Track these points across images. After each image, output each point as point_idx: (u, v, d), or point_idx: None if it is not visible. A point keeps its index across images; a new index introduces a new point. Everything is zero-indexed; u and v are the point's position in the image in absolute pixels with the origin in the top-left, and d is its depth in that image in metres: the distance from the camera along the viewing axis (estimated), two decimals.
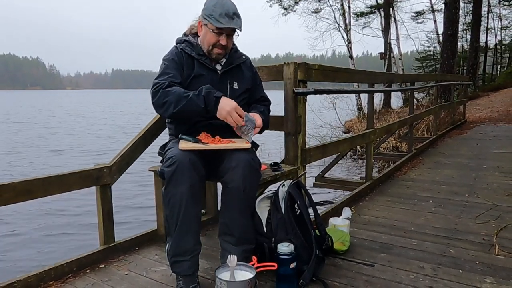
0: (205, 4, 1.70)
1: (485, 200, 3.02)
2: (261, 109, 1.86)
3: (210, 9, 1.66)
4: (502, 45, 25.98)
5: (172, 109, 1.59)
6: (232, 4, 1.68)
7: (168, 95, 1.60)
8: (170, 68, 1.71)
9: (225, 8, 1.64)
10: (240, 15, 1.69)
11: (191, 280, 1.59)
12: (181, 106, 1.58)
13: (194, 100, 1.57)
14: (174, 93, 1.60)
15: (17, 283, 1.61)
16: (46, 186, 1.72)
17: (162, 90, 1.61)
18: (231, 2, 1.68)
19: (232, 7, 1.66)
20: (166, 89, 1.61)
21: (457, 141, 6.42)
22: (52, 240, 4.13)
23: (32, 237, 4.23)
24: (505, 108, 11.85)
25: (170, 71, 1.69)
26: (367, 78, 3.55)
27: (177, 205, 1.53)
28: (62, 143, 11.52)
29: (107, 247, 1.98)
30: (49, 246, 3.96)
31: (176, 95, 1.59)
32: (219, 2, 1.65)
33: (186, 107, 1.58)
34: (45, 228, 4.50)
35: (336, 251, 2.01)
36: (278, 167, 2.19)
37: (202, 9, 1.70)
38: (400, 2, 18.23)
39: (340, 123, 11.40)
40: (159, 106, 1.63)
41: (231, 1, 1.69)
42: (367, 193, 3.29)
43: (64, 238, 4.18)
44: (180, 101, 1.58)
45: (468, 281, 1.73)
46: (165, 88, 1.62)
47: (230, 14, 1.64)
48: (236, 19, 1.66)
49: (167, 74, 1.68)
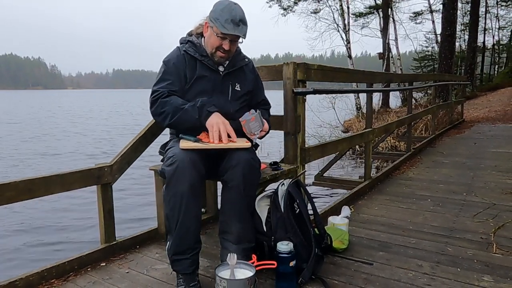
0: (214, 6, 1.69)
1: (483, 199, 3.04)
2: (266, 116, 1.89)
3: (217, 13, 1.65)
4: (499, 45, 26.06)
5: (168, 120, 1.64)
6: (240, 11, 1.66)
7: (165, 106, 1.64)
8: (169, 73, 1.72)
9: (233, 14, 1.63)
10: (246, 22, 1.68)
11: (191, 278, 1.60)
12: (177, 117, 1.63)
13: (189, 111, 1.62)
14: (171, 104, 1.63)
15: (19, 281, 1.63)
16: (48, 185, 1.73)
17: (161, 100, 1.65)
18: (239, 8, 1.67)
19: (239, 14, 1.65)
20: (164, 99, 1.65)
21: (455, 141, 6.45)
22: (54, 238, 4.14)
23: (33, 235, 4.24)
24: (502, 107, 11.88)
25: (169, 77, 1.71)
26: (366, 78, 3.57)
27: (177, 204, 1.54)
28: (49, 147, 10.90)
29: (108, 246, 1.99)
30: (50, 245, 3.98)
31: (173, 107, 1.63)
32: (228, 7, 1.65)
33: (181, 118, 1.63)
34: (46, 226, 4.50)
35: (335, 249, 2.02)
36: (278, 166, 2.21)
37: (211, 11, 1.70)
38: (399, 3, 18.26)
39: (339, 123, 11.42)
40: (157, 115, 1.68)
41: (239, 7, 1.68)
42: (365, 192, 3.31)
43: (65, 236, 4.19)
44: (176, 112, 1.63)
45: (466, 279, 1.75)
46: (164, 98, 1.65)
47: (237, 21, 1.64)
48: (242, 26, 1.66)
49: (166, 81, 1.70)
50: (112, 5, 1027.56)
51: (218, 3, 1.69)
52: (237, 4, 1.68)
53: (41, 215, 4.86)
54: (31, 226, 4.50)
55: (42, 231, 4.37)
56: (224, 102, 1.76)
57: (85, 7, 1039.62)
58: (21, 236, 4.23)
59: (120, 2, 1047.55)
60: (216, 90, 1.76)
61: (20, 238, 4.17)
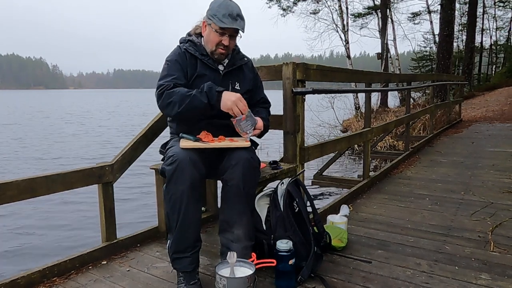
0: (210, 5, 1.73)
1: (481, 198, 3.06)
2: (263, 114, 1.89)
3: (214, 10, 1.69)
4: (497, 46, 26.16)
5: (177, 108, 1.62)
6: (236, 6, 1.71)
7: (172, 96, 1.63)
8: (173, 69, 1.73)
9: (229, 9, 1.67)
10: (243, 17, 1.72)
11: (191, 276, 1.61)
12: (185, 105, 1.61)
13: (197, 97, 1.61)
14: (178, 93, 1.63)
15: (20, 279, 1.64)
16: (49, 184, 1.74)
17: (167, 92, 1.64)
18: (235, 4, 1.71)
19: (236, 9, 1.69)
20: (170, 90, 1.64)
21: (453, 140, 6.47)
22: (55, 237, 4.16)
23: (34, 233, 4.25)
24: (500, 107, 11.93)
25: (174, 72, 1.72)
26: (365, 78, 3.58)
27: (178, 202, 1.55)
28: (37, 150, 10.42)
29: (109, 244, 2.00)
30: (53, 243, 3.99)
31: (180, 95, 1.62)
32: (224, 3, 1.69)
33: (190, 105, 1.61)
34: (48, 225, 4.52)
35: (334, 247, 2.04)
36: (277, 165, 2.22)
37: (207, 10, 1.73)
38: (397, 3, 18.35)
39: (338, 122, 11.45)
40: (164, 107, 1.67)
41: (235, 3, 1.72)
42: (364, 191, 3.33)
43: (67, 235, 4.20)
44: (184, 100, 1.61)
45: (463, 277, 1.76)
46: (169, 89, 1.65)
47: (234, 15, 1.67)
48: (239, 20, 1.69)
49: (171, 76, 1.70)
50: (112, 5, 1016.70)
51: (213, 2, 1.72)
52: (232, 0, 1.72)
53: (42, 213, 4.87)
54: (33, 224, 4.51)
55: (44, 229, 4.38)
56: None
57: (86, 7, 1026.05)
58: (22, 234, 4.24)
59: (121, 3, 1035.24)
60: None
61: (21, 236, 4.18)
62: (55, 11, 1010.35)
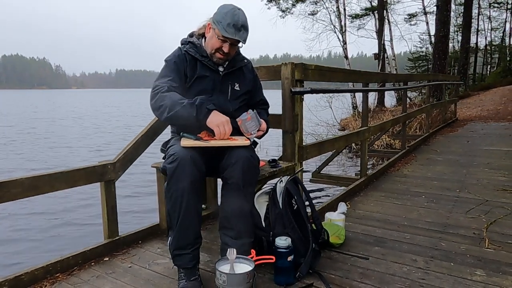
0: (218, 8, 1.73)
1: (476, 196, 3.10)
2: (265, 116, 1.92)
3: (221, 16, 1.68)
4: (492, 46, 26.32)
5: (166, 113, 1.62)
6: (243, 16, 1.70)
7: (164, 99, 1.63)
8: (171, 70, 1.75)
9: (235, 19, 1.67)
10: (248, 28, 1.72)
11: (192, 273, 1.63)
12: (174, 112, 1.60)
13: (186, 108, 1.60)
14: (170, 98, 1.62)
15: (24, 275, 1.66)
16: (53, 182, 1.76)
17: (160, 94, 1.65)
18: (242, 13, 1.71)
19: (242, 19, 1.69)
20: (164, 93, 1.65)
21: (449, 139, 6.52)
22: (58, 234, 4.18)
23: (36, 232, 4.26)
24: (494, 106, 12.01)
25: (170, 74, 1.73)
26: (362, 78, 3.62)
27: (178, 200, 1.57)
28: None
29: (111, 241, 2.02)
30: (55, 240, 4.01)
31: (171, 101, 1.62)
32: (231, 12, 1.68)
33: (178, 113, 1.60)
34: (50, 222, 4.53)
35: (332, 244, 2.07)
36: (276, 164, 2.24)
37: (215, 13, 1.73)
38: (394, 5, 18.43)
39: (336, 121, 11.48)
40: (155, 109, 1.67)
41: (243, 13, 1.72)
42: (361, 188, 3.36)
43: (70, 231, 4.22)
44: (174, 107, 1.60)
45: (459, 273, 1.79)
46: (164, 92, 1.65)
47: (238, 26, 1.67)
48: (243, 31, 1.70)
49: (167, 77, 1.72)
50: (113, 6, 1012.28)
51: (222, 7, 1.72)
52: (240, 10, 1.72)
53: (46, 210, 4.89)
54: (36, 222, 4.52)
55: (46, 227, 4.40)
56: (223, 101, 1.80)
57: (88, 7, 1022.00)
58: (25, 231, 4.25)
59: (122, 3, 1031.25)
60: (216, 89, 1.80)
61: (25, 233, 4.20)
62: (59, 13, 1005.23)
